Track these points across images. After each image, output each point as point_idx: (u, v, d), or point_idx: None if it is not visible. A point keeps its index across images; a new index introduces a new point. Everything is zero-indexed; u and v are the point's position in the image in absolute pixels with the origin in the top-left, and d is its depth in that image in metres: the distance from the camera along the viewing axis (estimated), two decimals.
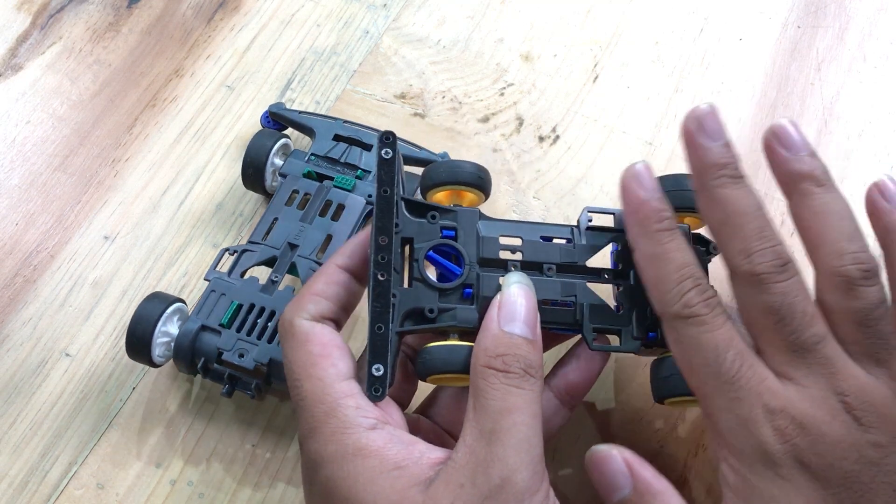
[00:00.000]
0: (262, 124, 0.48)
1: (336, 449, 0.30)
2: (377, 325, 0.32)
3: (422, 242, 0.34)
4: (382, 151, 0.33)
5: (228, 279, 0.41)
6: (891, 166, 0.50)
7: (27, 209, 0.47)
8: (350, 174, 0.45)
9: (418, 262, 0.34)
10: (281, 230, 0.43)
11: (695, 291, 0.31)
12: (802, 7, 0.56)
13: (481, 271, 0.34)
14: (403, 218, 0.34)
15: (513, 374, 0.30)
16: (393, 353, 0.32)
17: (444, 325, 0.33)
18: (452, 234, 0.34)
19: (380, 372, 0.31)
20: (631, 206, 0.33)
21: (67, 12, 0.54)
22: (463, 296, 0.34)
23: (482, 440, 0.29)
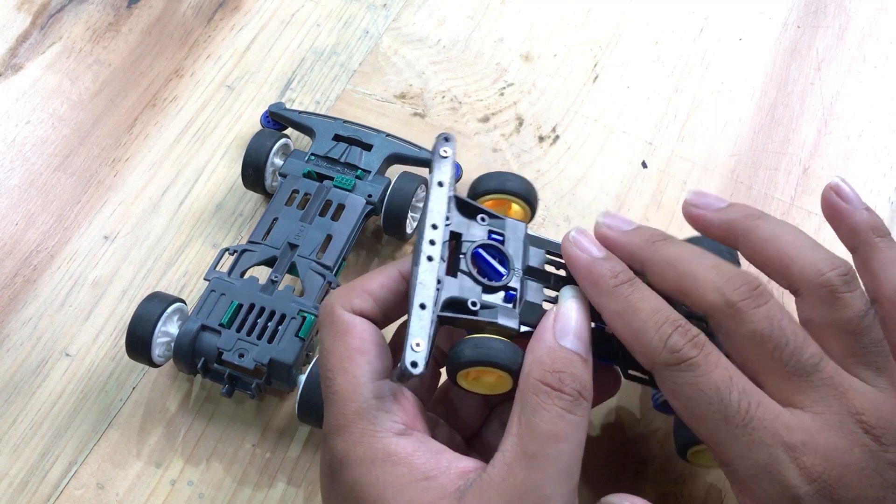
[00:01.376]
0: (262, 124, 0.48)
1: (365, 452, 0.29)
2: (421, 303, 0.31)
3: (471, 240, 0.34)
4: (441, 150, 0.34)
5: (228, 279, 0.41)
6: (891, 166, 0.50)
7: (27, 209, 0.47)
8: (350, 174, 0.45)
9: (465, 256, 0.33)
10: (281, 230, 0.43)
11: (677, 334, 0.29)
12: (802, 7, 0.56)
13: (526, 278, 0.34)
14: (454, 214, 0.34)
15: (567, 397, 0.29)
16: (432, 334, 0.31)
17: (487, 320, 0.32)
18: (500, 240, 0.34)
19: (420, 347, 0.30)
20: (581, 272, 0.32)
21: (67, 12, 0.54)
22: (506, 298, 0.33)
23: (522, 461, 0.28)
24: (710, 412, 0.28)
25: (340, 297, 0.32)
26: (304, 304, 0.40)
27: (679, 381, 0.29)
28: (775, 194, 0.49)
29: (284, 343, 0.39)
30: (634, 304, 0.30)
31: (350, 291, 0.32)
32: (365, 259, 0.46)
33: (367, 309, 0.32)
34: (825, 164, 0.50)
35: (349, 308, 0.32)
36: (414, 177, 0.44)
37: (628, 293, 0.30)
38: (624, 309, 0.30)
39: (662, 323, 0.29)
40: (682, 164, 0.50)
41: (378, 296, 0.33)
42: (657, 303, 0.30)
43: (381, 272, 0.33)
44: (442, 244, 0.33)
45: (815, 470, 0.27)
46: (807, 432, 0.28)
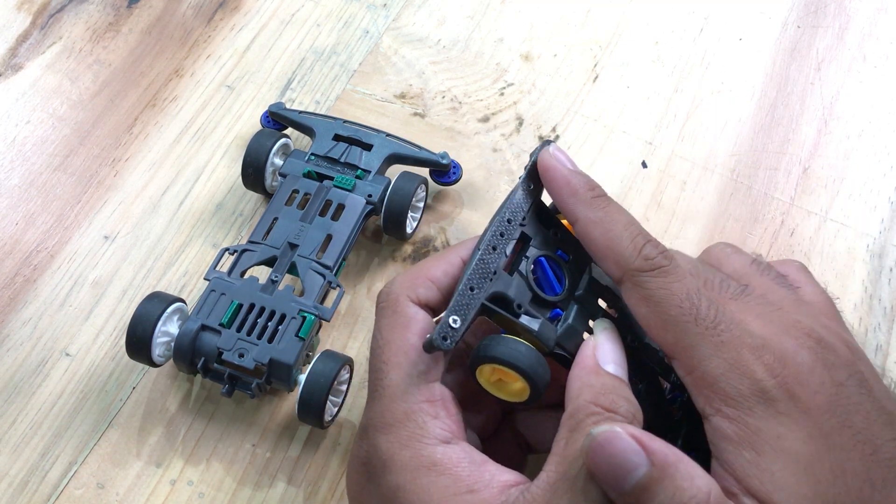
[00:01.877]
0: (262, 124, 0.48)
1: (411, 457, 0.29)
2: (470, 286, 0.31)
3: (539, 247, 0.34)
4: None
5: (228, 279, 0.41)
6: (891, 166, 0.50)
7: (27, 209, 0.47)
8: (350, 174, 0.45)
9: (528, 260, 0.33)
10: (281, 230, 0.43)
11: (650, 245, 0.31)
12: (802, 7, 0.56)
13: (576, 304, 0.33)
14: (531, 218, 0.34)
15: (619, 418, 0.28)
16: (471, 319, 0.31)
17: (526, 326, 0.32)
18: (566, 259, 0.34)
19: (456, 324, 0.30)
20: (560, 182, 0.32)
21: (67, 12, 0.54)
22: (550, 315, 0.33)
23: (566, 482, 0.28)
24: (680, 314, 0.29)
25: (405, 286, 0.32)
26: (304, 303, 0.40)
27: (650, 286, 0.30)
28: (775, 194, 0.49)
29: (284, 343, 0.39)
30: (611, 213, 0.31)
31: (414, 280, 0.32)
32: (365, 259, 0.46)
33: (431, 298, 0.32)
34: (825, 164, 0.50)
35: (415, 298, 0.32)
36: (414, 176, 0.44)
37: (605, 204, 0.32)
38: (601, 218, 0.31)
39: (636, 234, 0.31)
40: (682, 164, 0.50)
41: (442, 283, 0.32)
42: (630, 217, 0.32)
43: (442, 258, 0.33)
44: (510, 240, 0.33)
45: (775, 368, 0.29)
46: (761, 338, 0.29)
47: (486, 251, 0.32)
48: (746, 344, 0.29)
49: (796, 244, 0.47)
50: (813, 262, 0.47)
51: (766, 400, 0.28)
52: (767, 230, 0.48)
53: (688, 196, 0.49)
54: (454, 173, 0.46)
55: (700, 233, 0.47)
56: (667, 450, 0.27)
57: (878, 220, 0.48)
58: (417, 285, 0.32)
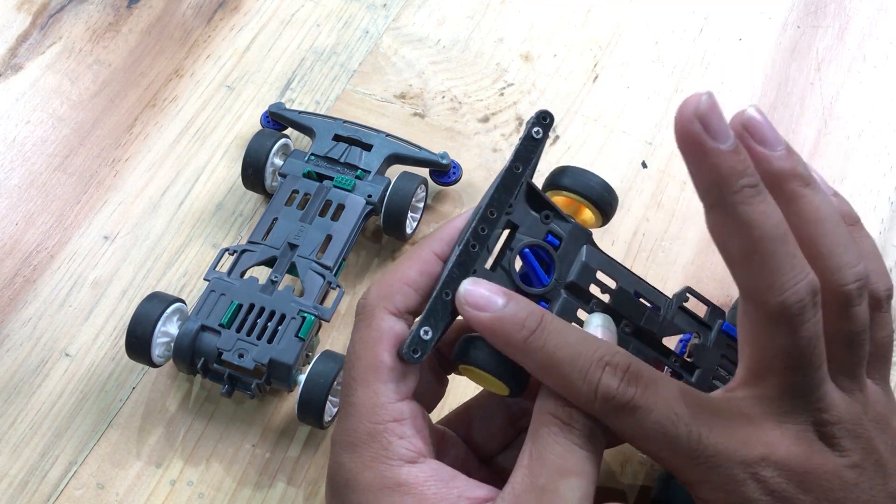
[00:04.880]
0: (262, 124, 0.48)
1: (374, 478, 0.29)
2: (445, 290, 0.30)
3: (524, 235, 0.32)
4: (534, 130, 0.31)
5: (228, 279, 0.41)
6: (891, 166, 0.50)
7: (27, 209, 0.47)
8: (350, 174, 0.45)
9: (512, 252, 0.31)
10: (281, 230, 0.43)
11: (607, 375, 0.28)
12: (802, 7, 0.56)
13: (565, 293, 0.32)
14: (519, 203, 0.32)
15: (577, 431, 0.28)
16: (446, 324, 0.30)
17: None
18: (557, 244, 0.32)
19: (428, 336, 0.29)
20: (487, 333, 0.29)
21: (67, 12, 0.54)
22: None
23: (531, 495, 0.27)
24: (659, 448, 0.28)
25: (382, 297, 0.30)
26: (303, 304, 0.40)
27: (622, 426, 0.28)
28: None
29: (284, 343, 0.39)
30: (550, 353, 0.28)
31: (390, 287, 0.31)
32: (365, 259, 0.46)
33: (410, 304, 0.31)
34: (825, 164, 0.50)
35: (392, 308, 0.30)
36: (414, 177, 0.44)
37: (541, 342, 0.28)
38: (541, 363, 0.28)
39: (588, 367, 0.28)
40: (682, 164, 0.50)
41: (419, 284, 0.31)
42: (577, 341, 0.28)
43: (415, 258, 0.31)
44: (493, 234, 0.31)
45: (773, 482, 0.27)
46: (767, 445, 0.28)
47: (464, 251, 0.30)
48: (739, 460, 0.27)
49: None
50: None
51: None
52: None
53: (688, 196, 0.48)
54: (454, 173, 0.46)
55: (700, 233, 0.47)
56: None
57: (879, 220, 0.48)
58: (394, 293, 0.30)
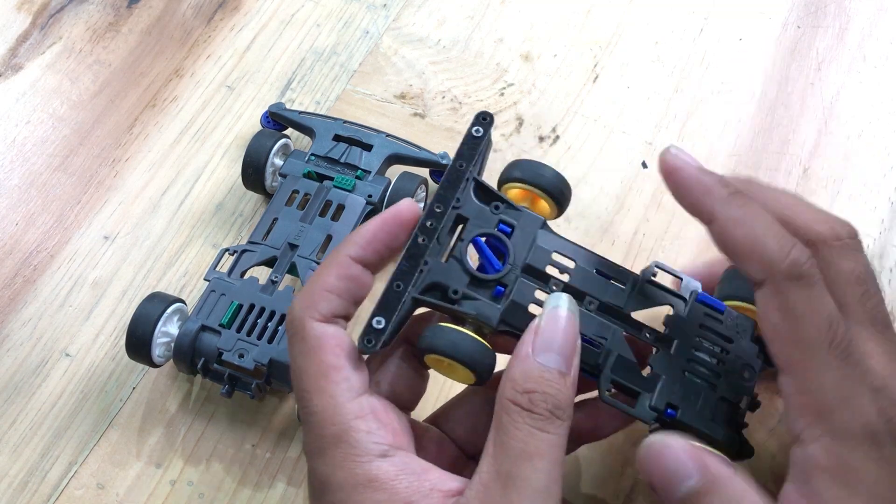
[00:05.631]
0: (262, 124, 0.48)
1: (345, 477, 0.29)
2: (396, 282, 0.31)
3: (476, 227, 0.33)
4: (474, 129, 0.33)
5: (228, 279, 0.41)
6: (891, 166, 0.50)
7: (27, 209, 0.47)
8: (350, 174, 0.45)
9: (463, 242, 0.32)
10: (281, 230, 0.43)
11: (797, 249, 0.28)
12: (802, 7, 0.56)
13: (522, 277, 0.32)
14: (468, 198, 0.33)
15: (538, 416, 0.28)
16: (402, 315, 0.31)
17: (463, 311, 0.32)
18: (509, 231, 0.33)
19: (380, 325, 0.30)
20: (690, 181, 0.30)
21: (67, 12, 0.54)
22: (493, 294, 0.32)
23: (498, 482, 0.28)
24: (817, 336, 0.28)
25: (305, 306, 0.31)
26: None
27: (794, 296, 0.28)
28: None
29: (284, 343, 0.39)
30: (755, 211, 0.29)
31: (312, 296, 0.31)
32: None
33: (336, 307, 0.31)
34: (825, 164, 0.50)
35: (317, 316, 0.31)
36: (414, 177, 0.44)
37: (743, 202, 0.29)
38: (743, 215, 0.29)
39: (783, 235, 0.28)
40: None
41: (340, 288, 0.31)
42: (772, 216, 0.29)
43: (332, 264, 0.32)
44: (441, 227, 0.32)
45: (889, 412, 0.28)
46: (883, 379, 0.28)
47: (412, 245, 0.31)
48: (867, 382, 0.28)
49: None
50: None
51: (873, 442, 0.27)
52: None
53: None
54: None
55: (700, 233, 0.47)
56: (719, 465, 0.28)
57: (878, 220, 0.48)
58: (316, 301, 0.31)
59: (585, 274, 0.33)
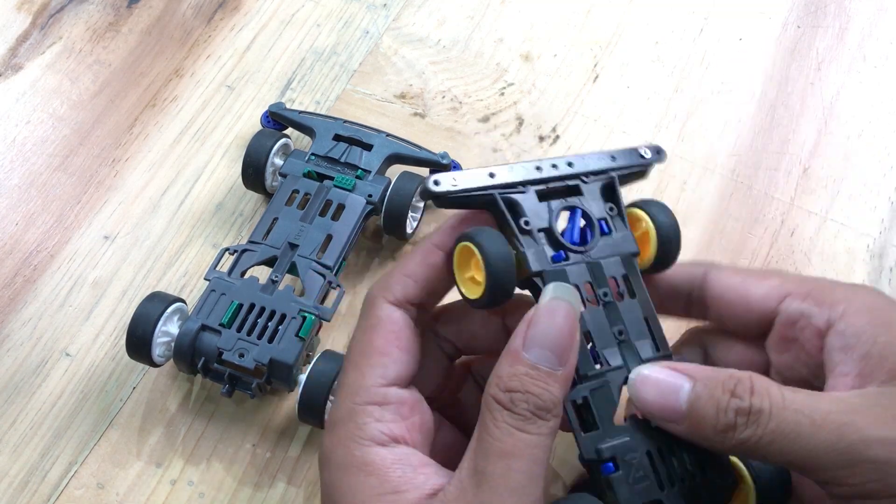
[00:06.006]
0: (262, 124, 0.48)
1: (344, 456, 0.29)
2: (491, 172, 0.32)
3: (586, 204, 0.33)
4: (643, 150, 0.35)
5: (228, 279, 0.41)
6: (891, 166, 0.50)
7: (27, 209, 0.47)
8: (350, 174, 0.45)
9: (565, 201, 0.33)
10: (281, 230, 0.43)
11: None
12: (802, 7, 0.56)
13: (584, 266, 0.32)
14: (595, 185, 0.34)
15: (518, 416, 0.28)
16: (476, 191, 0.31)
17: (519, 236, 0.31)
18: (606, 231, 0.33)
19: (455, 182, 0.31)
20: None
21: (67, 12, 0.54)
22: (553, 256, 0.32)
23: (474, 479, 0.28)
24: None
25: (382, 289, 0.32)
26: (304, 304, 0.40)
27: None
28: (775, 194, 0.49)
29: (285, 343, 0.39)
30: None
31: (389, 279, 0.32)
32: (365, 259, 0.46)
33: (410, 293, 0.31)
34: (825, 164, 0.50)
35: (391, 298, 0.31)
36: (414, 177, 0.44)
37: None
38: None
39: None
40: (682, 164, 0.50)
41: (418, 275, 0.31)
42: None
43: (418, 251, 0.32)
44: (557, 176, 0.33)
45: None
46: None
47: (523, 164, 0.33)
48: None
49: (796, 244, 0.47)
50: (813, 262, 0.47)
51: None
52: (767, 230, 0.48)
53: (688, 196, 0.49)
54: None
55: (700, 233, 0.47)
56: (701, 368, 0.29)
57: (878, 220, 0.48)
58: (392, 284, 0.31)
59: (632, 311, 0.33)
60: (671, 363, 0.30)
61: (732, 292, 0.34)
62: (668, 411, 0.29)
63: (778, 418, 0.27)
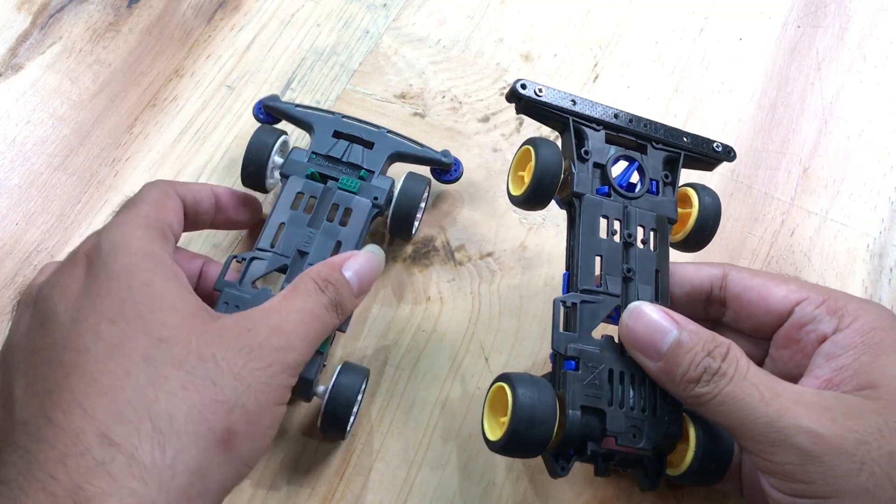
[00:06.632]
0: (255, 116, 0.47)
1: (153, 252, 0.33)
2: (573, 99, 0.39)
3: (647, 162, 0.39)
4: (718, 145, 0.41)
5: (240, 289, 0.39)
6: (891, 166, 0.50)
7: (27, 209, 0.47)
8: (353, 174, 0.43)
9: (629, 153, 0.39)
10: (289, 237, 0.41)
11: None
12: (802, 7, 0.56)
13: (623, 205, 0.38)
14: (659, 151, 0.40)
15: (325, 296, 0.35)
16: (557, 107, 0.38)
17: (574, 158, 0.38)
18: (654, 191, 0.39)
19: (542, 93, 0.38)
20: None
21: (67, 12, 0.54)
22: (598, 188, 0.38)
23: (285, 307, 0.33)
24: None
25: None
26: None
27: None
28: (775, 194, 0.49)
29: None
30: None
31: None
32: None
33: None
34: (825, 164, 0.50)
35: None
36: (421, 178, 0.44)
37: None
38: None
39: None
40: None
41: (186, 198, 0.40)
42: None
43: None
44: (632, 130, 0.39)
45: None
46: None
47: (605, 107, 0.39)
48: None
49: (796, 244, 0.47)
50: (813, 262, 0.47)
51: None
52: (767, 230, 0.48)
53: None
54: (456, 170, 0.46)
55: None
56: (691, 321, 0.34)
57: (878, 220, 0.48)
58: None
59: (647, 259, 0.37)
60: (668, 309, 0.34)
61: (753, 293, 0.37)
62: (649, 348, 0.33)
63: (735, 385, 0.31)
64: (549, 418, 0.32)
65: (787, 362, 0.36)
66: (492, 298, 0.45)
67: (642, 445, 0.34)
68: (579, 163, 0.37)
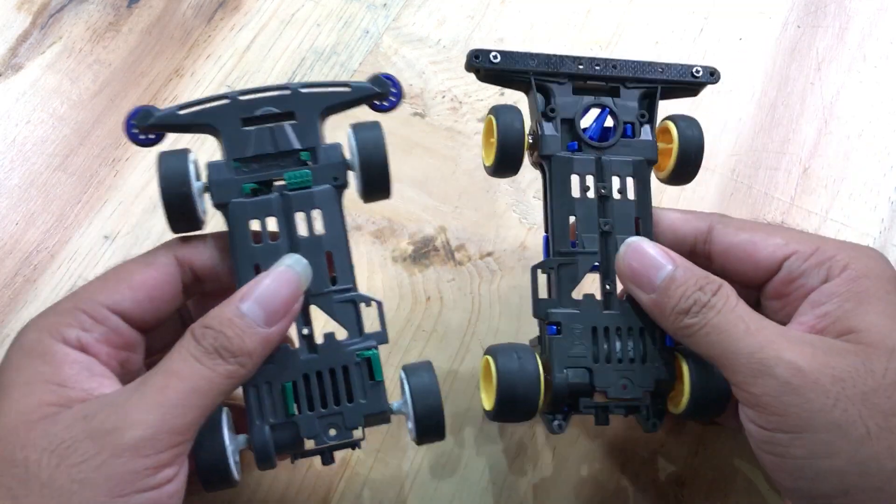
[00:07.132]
0: (130, 139, 0.36)
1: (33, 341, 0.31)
2: (536, 59, 0.38)
3: (621, 108, 0.38)
4: (697, 71, 0.41)
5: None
6: (891, 166, 0.50)
7: (27, 209, 0.47)
8: (295, 163, 0.35)
9: (598, 100, 0.38)
10: None
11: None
12: (802, 7, 0.56)
13: (594, 159, 0.37)
14: (633, 90, 0.39)
15: (200, 347, 0.30)
16: (517, 64, 0.37)
17: (540, 114, 0.37)
18: (629, 134, 0.38)
19: (497, 58, 0.37)
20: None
21: (67, 12, 0.54)
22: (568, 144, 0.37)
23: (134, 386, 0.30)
24: None
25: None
26: (354, 343, 0.34)
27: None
28: (775, 194, 0.49)
29: (367, 395, 0.34)
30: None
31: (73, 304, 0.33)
32: (366, 259, 0.46)
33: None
34: (825, 164, 0.50)
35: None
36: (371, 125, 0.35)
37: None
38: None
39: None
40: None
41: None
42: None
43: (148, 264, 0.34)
44: (599, 75, 0.38)
45: None
46: None
47: (567, 57, 0.37)
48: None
49: None
50: None
51: None
52: None
53: (688, 196, 0.49)
54: (395, 92, 0.36)
55: None
56: (684, 258, 0.34)
57: (878, 220, 0.48)
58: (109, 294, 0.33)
59: (625, 209, 0.37)
60: (666, 248, 0.35)
61: (739, 249, 0.36)
62: (643, 280, 0.34)
63: (722, 317, 0.32)
64: (533, 383, 0.34)
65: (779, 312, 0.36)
66: (492, 298, 0.45)
67: (633, 395, 0.35)
68: (545, 122, 0.37)
